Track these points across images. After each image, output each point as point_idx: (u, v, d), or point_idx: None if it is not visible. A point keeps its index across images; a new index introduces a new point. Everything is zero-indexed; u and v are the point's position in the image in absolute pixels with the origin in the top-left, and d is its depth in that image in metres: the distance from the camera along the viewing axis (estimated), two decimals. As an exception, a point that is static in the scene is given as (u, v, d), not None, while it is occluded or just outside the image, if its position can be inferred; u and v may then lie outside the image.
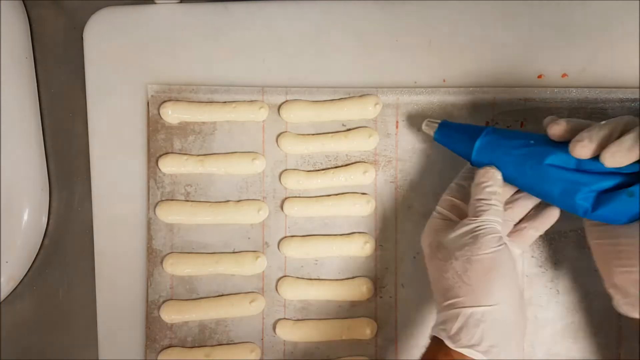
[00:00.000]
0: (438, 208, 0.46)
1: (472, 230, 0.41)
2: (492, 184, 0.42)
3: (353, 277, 0.52)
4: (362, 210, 0.52)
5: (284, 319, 0.52)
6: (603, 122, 0.39)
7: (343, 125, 0.52)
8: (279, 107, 0.52)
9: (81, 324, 0.56)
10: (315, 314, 0.52)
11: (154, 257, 0.53)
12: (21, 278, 0.56)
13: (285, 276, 0.52)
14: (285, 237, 0.52)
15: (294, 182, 0.52)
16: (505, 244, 0.41)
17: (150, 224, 0.53)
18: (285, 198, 0.52)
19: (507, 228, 0.46)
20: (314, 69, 0.52)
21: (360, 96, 0.52)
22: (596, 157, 0.39)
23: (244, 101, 0.52)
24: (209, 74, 0.53)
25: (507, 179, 0.43)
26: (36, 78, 0.56)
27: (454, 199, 0.45)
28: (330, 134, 0.52)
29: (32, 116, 0.55)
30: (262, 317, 0.52)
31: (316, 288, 0.52)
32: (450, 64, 0.52)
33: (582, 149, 0.38)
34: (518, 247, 0.46)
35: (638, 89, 0.50)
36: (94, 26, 0.53)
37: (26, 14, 0.56)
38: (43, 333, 0.57)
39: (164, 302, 0.52)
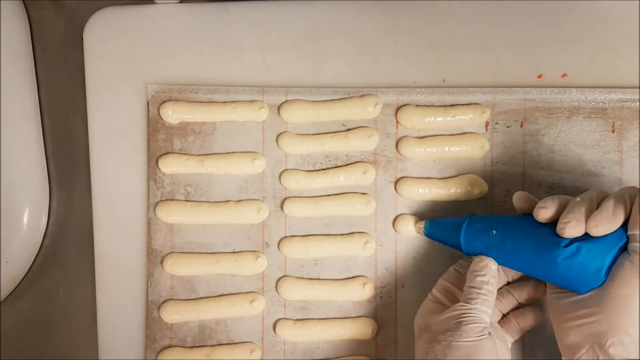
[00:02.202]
0: (433, 291, 0.47)
1: (458, 317, 0.42)
2: (485, 273, 0.43)
3: (353, 277, 0.52)
4: (362, 210, 0.52)
5: (284, 319, 0.52)
6: (578, 199, 0.40)
7: (343, 125, 0.52)
8: (279, 107, 0.52)
9: (81, 324, 0.56)
10: (315, 314, 0.52)
11: (154, 257, 0.53)
12: (21, 278, 0.56)
13: (285, 276, 0.52)
14: (285, 237, 0.52)
15: (294, 182, 0.52)
16: (489, 334, 0.42)
17: (150, 224, 0.53)
18: (285, 198, 0.52)
19: (497, 316, 0.47)
20: (314, 69, 0.52)
21: (360, 96, 0.52)
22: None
23: (244, 101, 0.52)
24: (209, 74, 0.53)
25: (496, 260, 0.45)
26: (36, 78, 0.56)
27: (449, 284, 0.46)
28: (330, 134, 0.52)
29: (32, 116, 0.55)
30: (262, 317, 0.52)
31: (316, 288, 0.52)
32: (450, 64, 0.52)
33: (573, 230, 0.39)
34: (509, 336, 0.46)
35: (638, 89, 0.50)
36: (94, 26, 0.53)
37: (26, 14, 0.56)
38: (43, 333, 0.57)
39: (164, 302, 0.52)
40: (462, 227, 0.46)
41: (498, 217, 0.46)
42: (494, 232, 0.44)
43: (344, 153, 0.52)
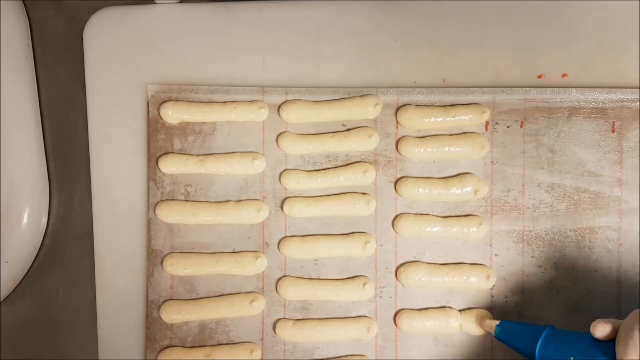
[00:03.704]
0: None
1: None
2: None
3: (353, 277, 0.52)
4: (362, 210, 0.52)
5: (284, 319, 0.52)
6: None
7: (343, 125, 0.52)
8: (279, 107, 0.52)
9: (81, 324, 0.56)
10: (315, 314, 0.52)
11: (154, 257, 0.53)
12: (21, 278, 0.56)
13: (285, 276, 0.52)
14: (285, 237, 0.52)
15: (294, 182, 0.52)
16: None
17: (150, 224, 0.53)
18: (285, 198, 0.52)
19: None
20: (314, 69, 0.52)
21: (360, 96, 0.52)
22: None
23: (244, 101, 0.52)
24: (209, 74, 0.53)
25: None
26: (36, 78, 0.56)
27: None
28: (330, 134, 0.52)
29: (32, 116, 0.55)
30: (262, 317, 0.52)
31: (316, 288, 0.52)
32: (450, 64, 0.52)
33: None
34: None
35: (638, 89, 0.50)
36: (94, 26, 0.53)
37: (26, 14, 0.56)
38: (43, 333, 0.57)
39: (164, 302, 0.52)
40: (538, 344, 0.44)
41: (576, 338, 0.44)
42: (572, 359, 0.43)
43: (344, 153, 0.52)
